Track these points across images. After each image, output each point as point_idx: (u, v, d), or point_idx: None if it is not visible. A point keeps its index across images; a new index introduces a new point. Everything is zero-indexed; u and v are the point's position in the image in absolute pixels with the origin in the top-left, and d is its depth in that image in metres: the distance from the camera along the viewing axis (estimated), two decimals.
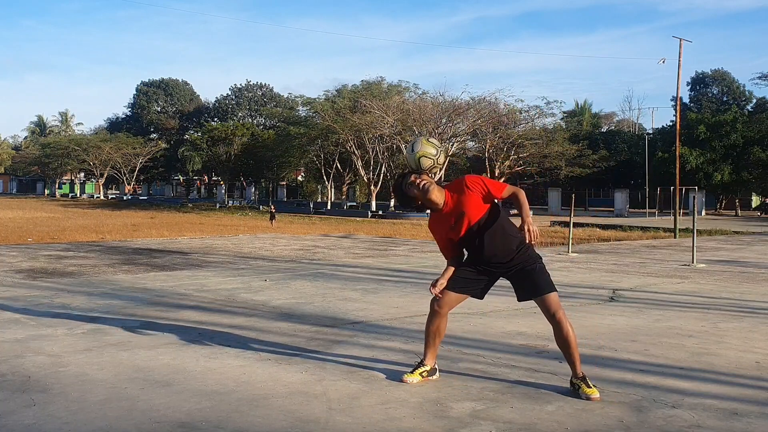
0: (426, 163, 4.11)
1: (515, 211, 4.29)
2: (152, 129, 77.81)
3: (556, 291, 4.11)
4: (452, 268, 4.21)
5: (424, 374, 4.23)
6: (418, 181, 4.08)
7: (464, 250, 4.22)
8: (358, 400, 3.88)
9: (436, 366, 4.33)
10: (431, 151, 4.11)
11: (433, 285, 4.19)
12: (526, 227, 3.91)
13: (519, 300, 4.24)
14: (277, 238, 17.91)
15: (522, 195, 4.08)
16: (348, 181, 52.46)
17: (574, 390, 4.02)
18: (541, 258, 4.17)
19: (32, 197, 73.93)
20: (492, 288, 4.29)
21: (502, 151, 43.11)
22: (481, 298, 4.31)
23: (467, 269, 4.19)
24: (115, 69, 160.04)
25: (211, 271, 10.19)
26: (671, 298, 7.99)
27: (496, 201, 4.09)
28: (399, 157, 44.03)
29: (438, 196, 4.08)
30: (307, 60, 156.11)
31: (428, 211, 4.23)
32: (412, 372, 4.25)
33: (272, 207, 33.73)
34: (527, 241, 3.94)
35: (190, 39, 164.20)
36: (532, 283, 4.08)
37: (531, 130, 43.75)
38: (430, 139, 4.21)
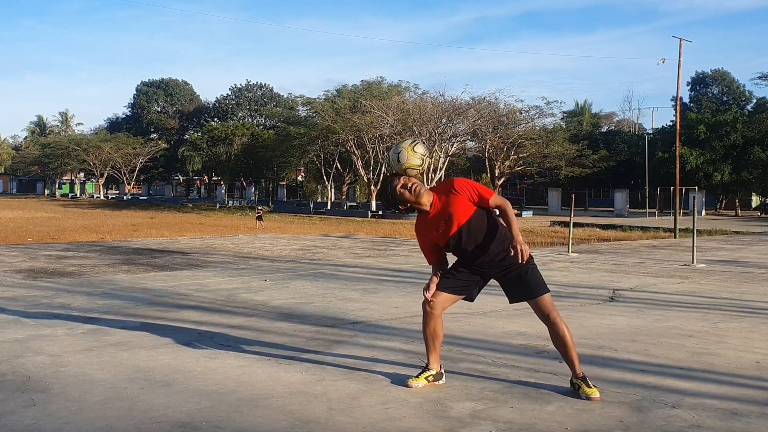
0: (411, 173, 4.09)
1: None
2: (152, 129, 77.79)
3: (549, 292, 4.09)
4: (438, 273, 4.20)
5: (430, 378, 4.19)
6: (409, 184, 4.05)
7: (452, 253, 4.17)
8: (358, 400, 3.88)
9: (443, 371, 4.28)
10: (416, 163, 4.06)
11: (426, 288, 4.18)
12: (518, 247, 3.88)
13: (510, 302, 4.21)
14: (277, 238, 17.91)
15: (510, 209, 4.04)
16: (348, 181, 52.44)
17: (574, 390, 4.02)
18: (533, 258, 4.14)
19: (32, 197, 73.93)
20: (492, 288, 4.29)
21: (502, 151, 43.10)
22: (472, 300, 4.29)
23: (460, 269, 4.17)
24: (115, 69, 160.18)
25: (211, 271, 10.19)
26: (671, 298, 7.99)
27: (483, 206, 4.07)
28: None
29: (426, 198, 4.07)
30: (307, 60, 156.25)
31: (415, 213, 4.20)
32: (417, 377, 4.20)
33: (259, 208, 33.23)
34: (519, 261, 3.90)
35: (190, 39, 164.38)
36: (524, 285, 4.06)
37: (531, 130, 43.73)
38: (415, 149, 4.07)
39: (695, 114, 48.66)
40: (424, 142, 4.22)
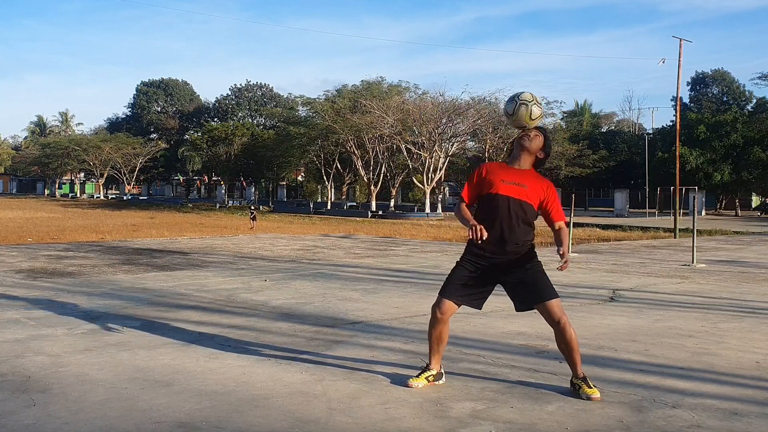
0: (535, 112, 4.13)
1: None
2: (152, 129, 77.78)
3: (558, 297, 4.09)
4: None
5: (430, 378, 4.19)
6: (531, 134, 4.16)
7: (482, 222, 4.02)
8: (358, 400, 3.88)
9: (443, 371, 4.29)
10: (539, 112, 4.17)
11: (477, 229, 3.90)
12: (565, 259, 4.06)
13: (517, 310, 4.20)
14: (277, 238, 17.91)
15: (566, 232, 4.21)
16: (348, 181, 52.43)
17: (575, 390, 4.02)
18: (540, 264, 4.16)
19: (32, 197, 73.89)
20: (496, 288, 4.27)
21: (502, 151, 43.06)
22: (479, 308, 4.29)
23: (467, 272, 4.14)
24: (115, 69, 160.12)
25: (211, 271, 10.19)
26: (671, 298, 7.99)
27: (552, 221, 4.17)
28: (399, 157, 44.04)
29: (529, 158, 4.18)
30: (307, 60, 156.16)
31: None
32: (417, 376, 4.20)
33: (252, 207, 32.83)
34: (560, 269, 4.05)
35: (190, 39, 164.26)
36: (534, 289, 4.05)
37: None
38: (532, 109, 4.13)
39: (695, 114, 48.66)
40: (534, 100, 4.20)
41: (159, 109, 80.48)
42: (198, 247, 14.47)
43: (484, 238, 3.90)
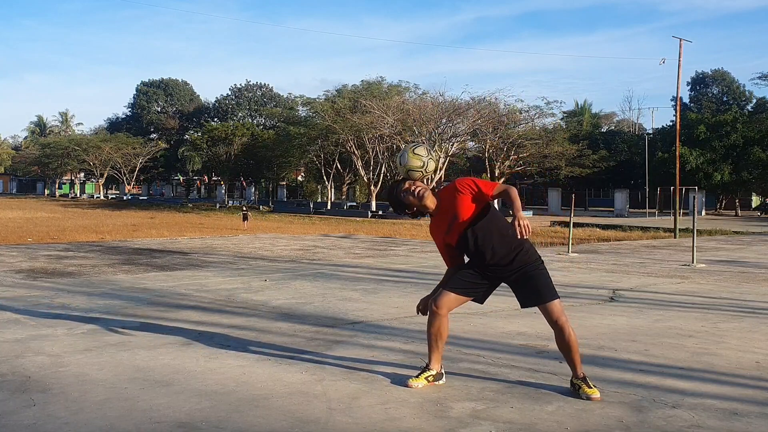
0: (415, 175, 4.14)
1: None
2: (152, 129, 77.78)
3: (559, 297, 4.10)
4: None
5: (430, 378, 4.19)
6: (413, 188, 4.10)
7: (466, 255, 4.20)
8: (358, 400, 3.88)
9: (443, 371, 4.29)
10: (417, 164, 4.11)
11: (431, 297, 4.21)
12: (517, 222, 3.79)
13: (522, 307, 4.22)
14: (277, 238, 17.91)
15: (513, 191, 4.00)
16: (348, 181, 52.43)
17: (575, 390, 4.02)
18: (542, 260, 4.17)
19: (32, 197, 73.86)
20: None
21: (502, 151, 43.10)
22: (482, 302, 4.31)
23: (469, 271, 4.17)
24: (115, 69, 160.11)
25: (211, 271, 10.19)
26: (671, 298, 7.99)
27: (488, 201, 4.08)
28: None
29: (431, 201, 4.12)
30: (307, 60, 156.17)
31: (427, 215, 4.25)
32: (417, 377, 4.20)
33: (245, 207, 32.03)
34: (519, 236, 3.82)
35: (190, 39, 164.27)
36: (535, 290, 4.07)
37: (531, 130, 43.71)
38: (415, 151, 4.14)
39: (695, 114, 48.68)
40: (425, 144, 4.24)
41: (159, 109, 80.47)
42: (198, 247, 14.47)
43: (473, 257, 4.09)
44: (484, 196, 4.04)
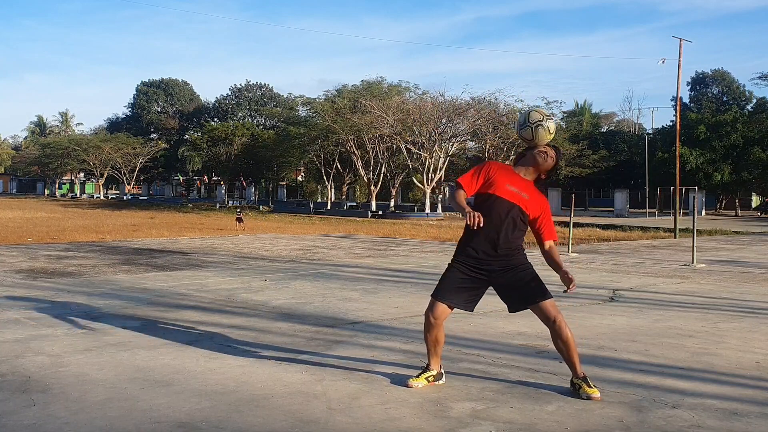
0: (542, 141, 4.19)
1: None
2: (152, 129, 77.74)
3: (552, 297, 4.08)
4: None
5: (430, 379, 4.20)
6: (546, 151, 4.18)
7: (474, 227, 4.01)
8: (358, 400, 3.88)
9: (443, 371, 4.29)
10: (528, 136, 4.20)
11: (470, 215, 3.89)
12: (569, 276, 4.06)
13: (511, 310, 4.19)
14: (277, 238, 17.90)
15: (556, 250, 4.20)
16: (348, 181, 52.39)
17: (575, 390, 4.02)
18: (531, 266, 4.15)
19: (32, 197, 73.82)
20: (491, 288, 4.28)
21: (502, 151, 43.06)
22: (471, 310, 4.28)
23: (460, 274, 4.12)
24: (115, 69, 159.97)
25: (211, 271, 10.19)
26: (671, 298, 7.99)
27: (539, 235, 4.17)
28: (399, 157, 44.02)
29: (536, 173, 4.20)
30: (307, 60, 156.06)
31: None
32: (417, 377, 4.21)
33: (238, 209, 31.10)
34: (569, 289, 4.05)
35: (190, 39, 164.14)
36: (526, 291, 4.05)
37: None
38: (548, 127, 4.18)
39: (695, 114, 48.64)
40: (543, 116, 4.23)
41: (159, 109, 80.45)
42: (198, 247, 14.47)
43: (481, 226, 3.89)
44: (541, 232, 4.19)
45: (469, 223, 3.88)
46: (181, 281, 8.97)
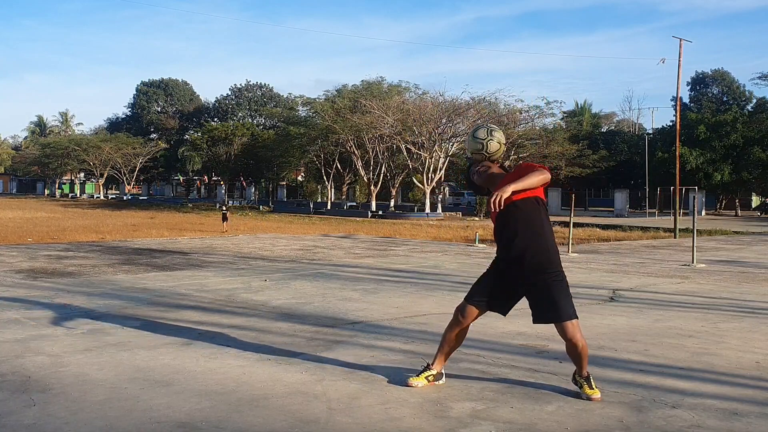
0: (477, 157, 4.19)
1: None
2: (152, 129, 77.74)
3: (577, 318, 3.96)
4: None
5: (430, 378, 4.19)
6: (477, 167, 4.19)
7: (499, 240, 4.05)
8: (358, 400, 3.88)
9: (443, 371, 4.29)
10: (476, 147, 4.17)
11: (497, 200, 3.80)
12: (505, 189, 3.80)
13: (535, 322, 4.07)
14: (277, 238, 17.91)
15: (538, 172, 3.91)
16: (348, 181, 52.41)
17: (577, 386, 4.00)
18: (564, 275, 4.02)
19: (32, 197, 73.85)
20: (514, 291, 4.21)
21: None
22: (504, 314, 4.26)
23: (494, 281, 4.12)
24: (115, 69, 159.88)
25: (211, 271, 10.19)
26: (671, 298, 7.99)
27: (538, 198, 4.01)
28: (399, 157, 44.03)
29: (493, 181, 4.11)
30: (306, 60, 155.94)
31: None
32: (417, 376, 4.21)
33: (224, 207, 30.73)
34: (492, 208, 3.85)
35: (190, 39, 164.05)
36: (553, 306, 3.92)
37: (531, 130, 43.71)
38: (475, 135, 4.18)
39: (695, 114, 48.62)
40: (486, 126, 4.21)
41: (159, 109, 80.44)
42: (198, 247, 14.47)
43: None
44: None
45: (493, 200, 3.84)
46: (181, 281, 8.97)
